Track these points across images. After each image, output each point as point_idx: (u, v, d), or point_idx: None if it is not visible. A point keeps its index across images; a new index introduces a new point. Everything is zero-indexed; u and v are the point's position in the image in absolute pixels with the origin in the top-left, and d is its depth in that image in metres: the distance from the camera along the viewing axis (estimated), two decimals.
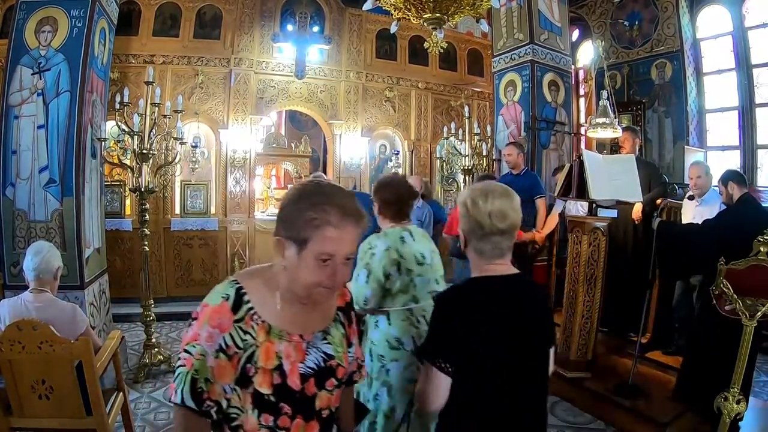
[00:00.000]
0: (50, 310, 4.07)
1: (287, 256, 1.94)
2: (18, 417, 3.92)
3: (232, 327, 1.90)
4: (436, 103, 12.80)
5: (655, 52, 10.45)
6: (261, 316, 1.96)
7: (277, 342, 1.97)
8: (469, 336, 2.35)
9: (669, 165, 9.97)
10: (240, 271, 2.17)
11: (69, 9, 6.39)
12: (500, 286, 2.50)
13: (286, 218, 1.94)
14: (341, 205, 1.91)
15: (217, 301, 1.94)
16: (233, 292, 1.96)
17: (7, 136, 6.21)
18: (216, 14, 10.77)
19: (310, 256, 1.89)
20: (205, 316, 1.91)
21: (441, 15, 6.03)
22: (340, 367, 2.13)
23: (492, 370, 2.36)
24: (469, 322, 2.37)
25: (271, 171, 14.52)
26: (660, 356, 6.60)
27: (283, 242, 1.94)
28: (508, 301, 2.47)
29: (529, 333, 2.48)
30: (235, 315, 1.92)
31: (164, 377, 6.72)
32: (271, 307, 1.99)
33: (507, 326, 2.41)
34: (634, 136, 7.37)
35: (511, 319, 2.44)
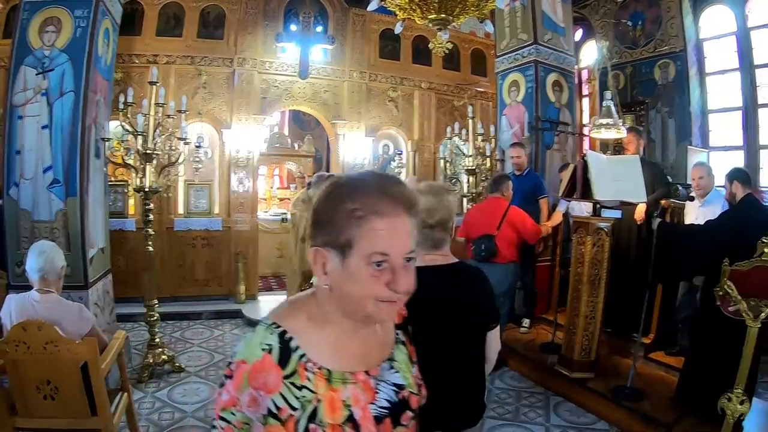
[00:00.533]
0: (57, 310, 4.09)
1: (330, 271, 1.53)
2: (23, 417, 3.93)
3: (282, 385, 1.49)
4: (440, 103, 12.82)
5: (659, 52, 10.42)
6: (316, 363, 1.54)
7: (342, 388, 1.56)
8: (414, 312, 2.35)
9: (672, 165, 9.95)
10: (275, 308, 1.70)
11: (73, 9, 6.39)
12: (437, 275, 2.85)
13: (320, 220, 1.55)
14: (386, 189, 1.52)
15: (257, 356, 1.51)
16: (276, 340, 1.53)
17: (12, 137, 6.20)
18: (219, 14, 10.78)
19: (358, 261, 1.48)
20: (242, 377, 1.51)
21: (446, 16, 6.03)
22: (412, 395, 1.76)
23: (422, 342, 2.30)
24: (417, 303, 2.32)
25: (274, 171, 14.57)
26: (663, 357, 6.62)
27: (322, 253, 1.53)
28: (439, 288, 2.82)
29: (457, 314, 2.90)
30: (284, 369, 1.51)
31: (168, 377, 6.75)
32: (325, 347, 1.58)
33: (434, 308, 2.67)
34: (639, 137, 7.37)
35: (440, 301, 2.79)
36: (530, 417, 5.83)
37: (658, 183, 7.04)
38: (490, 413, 5.85)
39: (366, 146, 11.89)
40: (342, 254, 1.49)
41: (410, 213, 1.53)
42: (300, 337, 1.56)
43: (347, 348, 1.61)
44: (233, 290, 10.44)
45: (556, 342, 7.03)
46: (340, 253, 1.49)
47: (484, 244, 6.77)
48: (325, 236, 1.52)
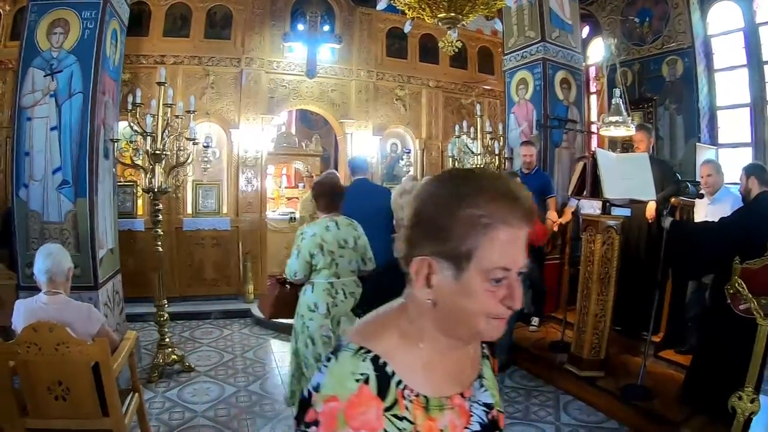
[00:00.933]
0: (66, 311, 4.09)
1: (438, 285, 1.32)
2: (34, 418, 3.94)
3: (385, 420, 1.24)
4: (447, 102, 12.82)
5: (666, 48, 10.38)
6: (413, 389, 1.31)
7: (440, 416, 1.34)
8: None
9: (680, 163, 9.92)
10: (355, 327, 1.48)
11: (80, 10, 6.40)
12: None
13: (430, 225, 1.33)
14: (515, 194, 1.32)
15: (350, 389, 1.24)
16: (370, 367, 1.27)
17: (20, 138, 6.22)
18: (226, 14, 10.80)
19: (477, 275, 1.29)
20: (337, 418, 1.21)
21: (455, 14, 6.02)
22: (500, 414, 1.55)
23: None
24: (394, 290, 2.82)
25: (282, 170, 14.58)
26: (673, 355, 6.59)
27: (431, 264, 1.32)
28: None
29: None
30: (384, 401, 1.25)
31: (178, 377, 6.78)
32: (418, 370, 1.35)
33: None
34: (649, 135, 7.31)
35: None
36: (540, 415, 5.82)
37: (667, 181, 7.00)
38: None
39: (374, 145, 11.88)
40: (457, 266, 1.29)
41: (530, 223, 1.33)
42: (393, 360, 1.30)
43: (440, 368, 1.39)
44: (242, 290, 10.44)
45: (566, 341, 7.00)
46: (455, 264, 1.29)
47: None
48: (438, 245, 1.30)
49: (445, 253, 1.28)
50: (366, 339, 1.33)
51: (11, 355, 3.71)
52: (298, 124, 17.53)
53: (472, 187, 1.31)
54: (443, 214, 1.29)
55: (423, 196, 1.37)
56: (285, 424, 5.56)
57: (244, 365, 7.24)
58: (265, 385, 6.60)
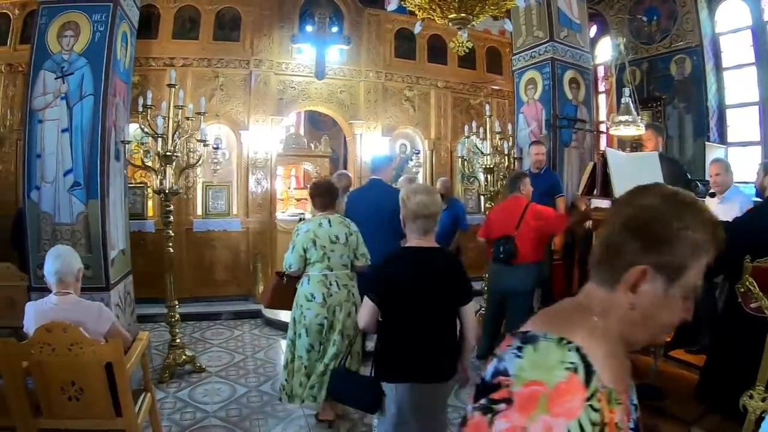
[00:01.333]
0: (76, 311, 4.12)
1: (644, 292, 1.40)
2: (47, 418, 3.96)
3: (583, 408, 1.25)
4: (456, 102, 12.83)
5: (674, 47, 10.39)
6: (603, 382, 1.33)
7: (617, 410, 1.36)
8: (390, 280, 3.77)
9: (690, 162, 9.91)
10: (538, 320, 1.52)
11: (91, 13, 6.43)
12: (419, 253, 3.79)
13: (650, 237, 1.40)
14: (715, 224, 1.45)
15: (560, 377, 1.27)
16: (577, 357, 1.31)
17: (32, 140, 6.26)
18: (235, 16, 10.85)
19: (680, 291, 1.41)
20: (538, 402, 1.23)
21: (466, 15, 6.03)
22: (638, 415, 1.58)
23: (404, 304, 3.71)
24: (393, 273, 3.79)
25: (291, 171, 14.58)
26: (683, 354, 6.57)
27: (646, 272, 1.39)
28: (421, 262, 3.75)
29: (433, 285, 3.72)
30: (586, 390, 1.28)
31: (189, 377, 6.80)
32: (604, 365, 1.36)
33: (416, 277, 3.71)
34: (658, 134, 7.30)
35: (420, 273, 3.72)
36: None
37: (677, 180, 6.97)
38: None
39: (383, 146, 11.87)
40: (669, 280, 1.39)
41: None
42: (591, 352, 1.34)
43: (615, 366, 1.42)
44: (252, 290, 10.46)
45: None
46: (668, 277, 1.39)
47: (502, 246, 6.70)
48: (658, 257, 1.38)
49: (662, 266, 1.38)
50: (561, 331, 1.37)
51: (25, 356, 3.73)
52: (307, 126, 17.58)
53: (693, 210, 1.42)
54: (666, 230, 1.38)
55: (638, 207, 1.45)
56: (296, 425, 5.57)
57: (255, 366, 7.26)
58: (276, 385, 6.57)
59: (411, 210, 3.74)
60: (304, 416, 5.73)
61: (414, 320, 3.71)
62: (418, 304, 3.70)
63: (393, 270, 3.83)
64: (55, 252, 4.36)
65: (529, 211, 6.76)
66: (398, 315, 3.75)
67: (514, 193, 7.04)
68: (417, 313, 3.70)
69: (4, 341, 3.78)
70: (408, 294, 3.69)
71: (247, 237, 10.76)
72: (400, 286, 3.72)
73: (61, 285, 4.18)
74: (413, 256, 3.80)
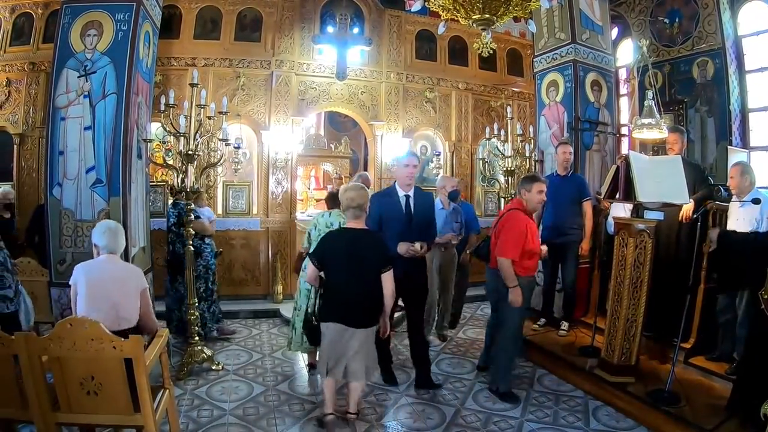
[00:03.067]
0: (122, 269, 4.82)
1: None
2: (65, 413, 3.97)
3: None
4: (477, 104, 12.80)
5: (697, 50, 10.29)
6: None
7: None
8: (325, 250, 5.33)
9: (712, 166, 9.83)
10: None
11: (114, 13, 6.48)
12: (350, 232, 5.37)
13: None
14: None
15: None
16: None
17: (54, 138, 6.31)
18: (256, 17, 10.92)
19: None
20: None
21: (490, 16, 6.00)
22: None
23: (336, 269, 5.26)
24: (328, 245, 5.35)
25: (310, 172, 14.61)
26: (704, 362, 6.51)
27: None
28: (348, 239, 5.30)
29: (357, 255, 5.18)
30: None
31: (206, 375, 6.83)
32: None
33: (345, 249, 5.22)
34: (683, 137, 7.25)
35: (349, 246, 5.23)
36: (569, 421, 5.76)
37: (699, 184, 6.92)
38: (528, 416, 5.83)
39: (403, 147, 11.82)
40: None
41: None
42: None
43: None
44: (271, 290, 10.51)
45: (596, 345, 6.92)
46: None
47: (481, 244, 6.89)
48: None
49: None
50: None
51: (45, 350, 3.75)
52: (327, 127, 17.64)
53: None
54: None
55: None
56: (313, 424, 5.57)
57: (273, 364, 7.26)
58: (294, 384, 6.61)
59: (343, 203, 5.38)
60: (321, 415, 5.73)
61: (343, 280, 5.22)
62: (346, 268, 5.19)
63: (330, 242, 5.36)
64: (104, 226, 4.93)
65: (503, 219, 6.37)
66: (332, 275, 5.29)
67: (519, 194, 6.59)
68: (345, 275, 5.20)
69: (24, 335, 3.80)
70: (339, 260, 5.21)
71: (267, 236, 10.81)
72: (334, 254, 5.25)
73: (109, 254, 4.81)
74: (345, 234, 5.38)
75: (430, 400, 6.28)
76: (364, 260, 5.18)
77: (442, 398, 6.33)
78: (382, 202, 6.50)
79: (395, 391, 6.49)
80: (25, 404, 3.93)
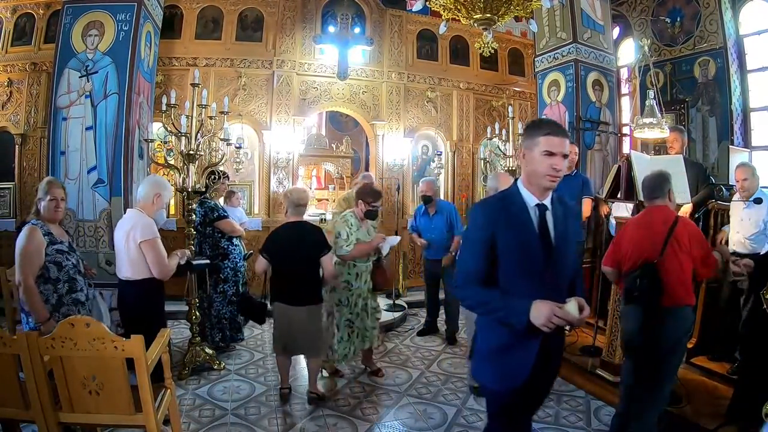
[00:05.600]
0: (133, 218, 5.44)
1: None
2: (67, 412, 3.96)
3: None
4: (478, 104, 12.80)
5: (698, 49, 10.28)
6: None
7: None
8: (272, 243, 6.02)
9: (713, 165, 9.83)
10: None
11: (115, 13, 6.51)
12: (294, 225, 6.11)
13: None
14: None
15: None
16: None
17: (56, 138, 6.34)
18: (257, 17, 10.93)
19: None
20: None
21: (491, 15, 6.00)
22: None
23: (281, 258, 5.94)
24: (275, 238, 6.06)
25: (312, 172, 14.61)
26: (706, 362, 6.51)
27: None
28: (292, 230, 6.05)
29: (301, 244, 5.96)
30: None
31: (208, 374, 6.82)
32: None
33: (289, 240, 5.97)
34: (682, 136, 7.25)
35: (293, 237, 5.99)
36: (571, 421, 5.75)
37: (701, 183, 6.92)
38: None
39: (405, 147, 11.90)
40: None
41: None
42: None
43: None
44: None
45: (597, 345, 6.93)
46: None
47: (640, 279, 4.57)
48: None
49: None
50: None
51: (47, 350, 3.75)
52: (328, 127, 17.65)
53: None
54: None
55: None
56: (315, 425, 5.57)
57: (274, 364, 7.21)
58: (295, 384, 6.60)
59: (291, 201, 6.17)
60: (323, 416, 5.74)
61: (287, 266, 5.99)
62: (290, 256, 5.93)
63: (276, 236, 6.11)
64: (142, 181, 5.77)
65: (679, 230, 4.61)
66: (278, 263, 6.00)
67: (656, 201, 4.92)
68: (289, 262, 5.95)
69: (26, 334, 3.79)
70: (284, 250, 5.96)
71: None
72: (279, 245, 6.00)
73: (136, 204, 5.66)
74: (289, 228, 6.11)
75: (432, 399, 6.28)
76: (305, 247, 6.01)
77: (443, 398, 6.32)
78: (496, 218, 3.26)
79: (397, 391, 6.49)
80: (27, 404, 3.92)
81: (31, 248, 4.63)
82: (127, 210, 5.41)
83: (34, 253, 4.63)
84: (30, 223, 4.73)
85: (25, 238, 4.64)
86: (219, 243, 7.44)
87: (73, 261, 4.85)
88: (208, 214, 7.32)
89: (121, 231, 5.35)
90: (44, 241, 4.69)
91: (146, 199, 5.43)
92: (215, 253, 7.44)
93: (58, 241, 4.81)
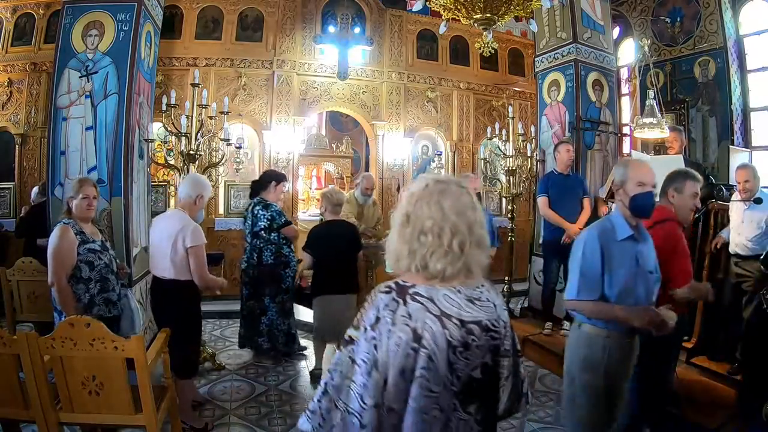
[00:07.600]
0: (177, 219, 5.23)
1: None
2: (67, 412, 3.96)
3: None
4: (478, 104, 12.82)
5: (698, 49, 10.26)
6: None
7: None
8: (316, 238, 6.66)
9: (714, 165, 9.81)
10: None
11: (115, 13, 6.49)
12: (333, 223, 6.77)
13: None
14: None
15: None
16: None
17: (56, 138, 6.32)
18: (258, 17, 10.94)
19: None
20: None
21: (491, 15, 6.00)
22: None
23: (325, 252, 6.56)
24: (315, 236, 6.70)
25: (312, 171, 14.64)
26: (706, 362, 6.49)
27: None
28: (333, 229, 6.72)
29: (340, 241, 6.61)
30: None
31: (208, 374, 6.82)
32: None
33: (330, 236, 6.63)
34: (681, 136, 7.26)
35: (333, 233, 6.66)
36: None
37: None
38: (530, 416, 5.80)
39: (405, 147, 11.92)
40: None
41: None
42: None
43: None
44: None
45: None
46: None
47: None
48: None
49: None
50: None
51: (47, 350, 3.75)
52: (328, 127, 17.70)
53: None
54: None
55: None
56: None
57: (274, 364, 7.26)
58: (296, 384, 6.62)
59: (330, 201, 6.76)
60: None
61: (329, 260, 6.56)
62: (331, 251, 6.53)
63: (318, 232, 6.75)
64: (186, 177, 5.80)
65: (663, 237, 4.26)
66: (322, 256, 6.59)
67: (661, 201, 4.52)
68: (331, 256, 6.54)
69: (26, 334, 3.79)
70: (327, 245, 6.57)
71: None
72: (323, 240, 6.62)
73: (177, 203, 5.55)
74: (329, 226, 6.79)
75: None
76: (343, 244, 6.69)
77: None
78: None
79: None
80: (27, 404, 3.92)
81: (63, 248, 4.62)
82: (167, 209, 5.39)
83: (66, 252, 4.63)
84: (62, 222, 4.72)
85: (57, 238, 4.63)
86: (281, 250, 7.29)
87: (105, 260, 4.84)
88: (276, 218, 7.16)
89: (164, 230, 5.21)
90: (76, 241, 4.69)
91: (189, 199, 5.34)
92: (278, 261, 7.28)
93: (90, 240, 4.81)
